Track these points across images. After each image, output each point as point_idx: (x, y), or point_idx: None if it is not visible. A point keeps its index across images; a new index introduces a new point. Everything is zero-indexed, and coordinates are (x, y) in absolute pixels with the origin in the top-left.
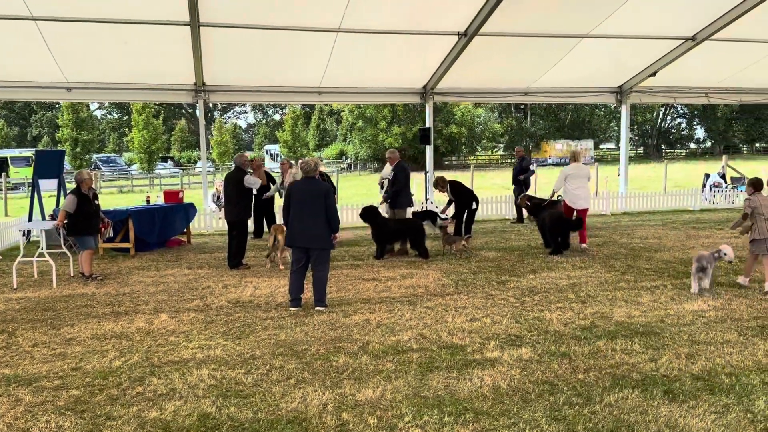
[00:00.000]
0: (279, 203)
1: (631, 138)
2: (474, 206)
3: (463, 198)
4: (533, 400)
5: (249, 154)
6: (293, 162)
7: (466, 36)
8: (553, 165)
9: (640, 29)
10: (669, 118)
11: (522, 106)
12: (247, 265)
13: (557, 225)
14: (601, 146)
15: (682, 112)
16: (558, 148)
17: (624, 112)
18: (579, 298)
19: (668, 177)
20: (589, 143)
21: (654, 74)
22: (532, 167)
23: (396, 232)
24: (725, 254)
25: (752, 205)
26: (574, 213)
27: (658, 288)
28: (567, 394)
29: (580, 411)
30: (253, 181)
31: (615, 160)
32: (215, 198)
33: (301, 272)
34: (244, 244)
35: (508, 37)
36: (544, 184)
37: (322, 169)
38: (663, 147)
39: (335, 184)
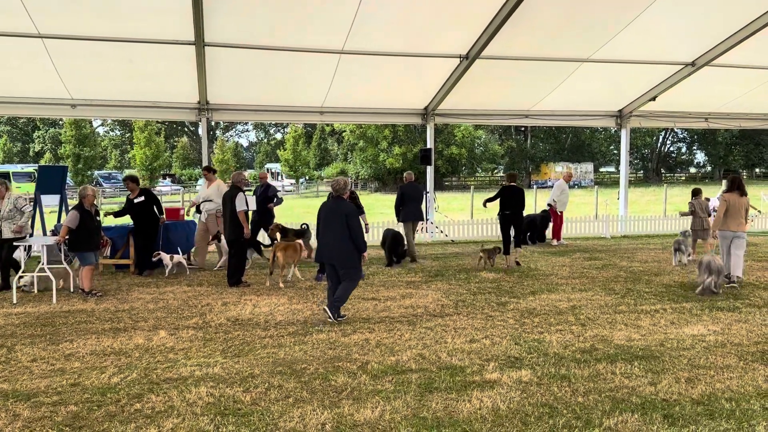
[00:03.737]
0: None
1: (630, 161)
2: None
3: (502, 204)
4: (533, 423)
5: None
6: (8, 185)
7: (468, 59)
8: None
9: (640, 54)
10: (669, 142)
11: (522, 128)
12: (246, 282)
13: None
14: (601, 169)
15: (682, 136)
16: (558, 170)
17: (624, 135)
18: (579, 320)
19: (668, 201)
20: (589, 166)
21: (654, 99)
22: (279, 195)
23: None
24: (687, 232)
25: (693, 207)
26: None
27: (658, 312)
28: (567, 417)
29: None
30: (242, 202)
31: (615, 183)
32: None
33: (335, 287)
34: (243, 262)
35: (509, 60)
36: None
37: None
38: (663, 171)
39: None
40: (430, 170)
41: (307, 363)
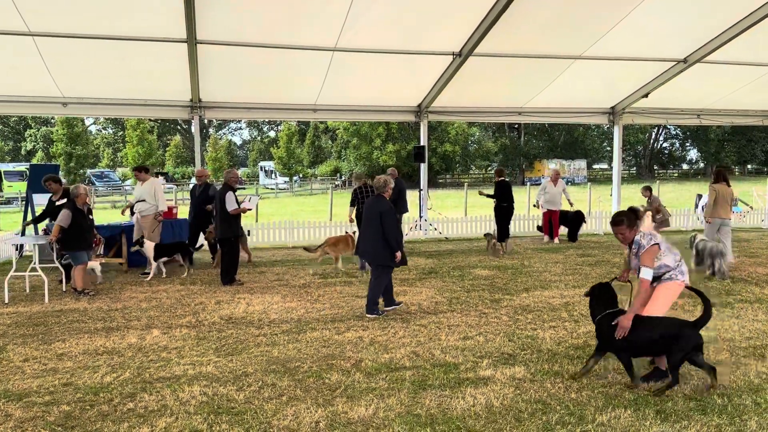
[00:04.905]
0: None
1: (623, 158)
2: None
3: (501, 200)
4: (526, 419)
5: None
6: None
7: (461, 56)
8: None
9: (633, 51)
10: (661, 138)
11: (516, 126)
12: (239, 281)
13: None
14: (594, 166)
15: (674, 133)
16: (552, 167)
17: (617, 132)
18: (572, 317)
19: (660, 197)
20: (582, 163)
21: (646, 95)
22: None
23: None
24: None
25: (659, 203)
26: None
27: None
28: (560, 413)
29: (572, 430)
30: (231, 201)
31: (608, 180)
32: None
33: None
34: (236, 261)
35: (502, 57)
36: None
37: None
38: (655, 167)
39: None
40: (423, 167)
41: (301, 361)
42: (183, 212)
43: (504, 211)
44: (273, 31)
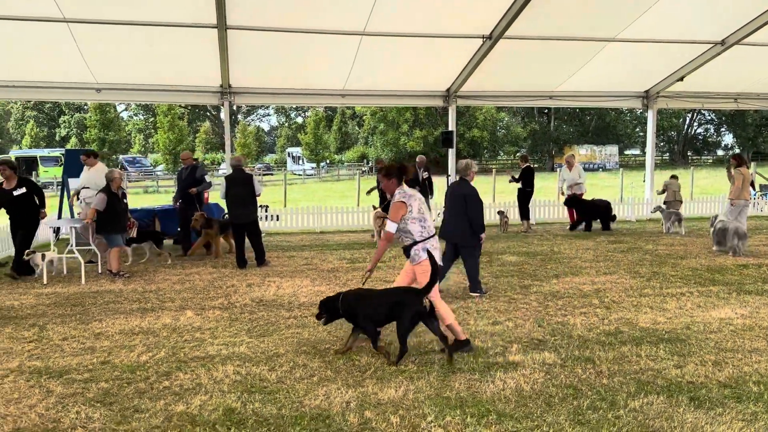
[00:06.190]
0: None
1: (656, 144)
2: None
3: (526, 185)
4: (557, 404)
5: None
6: None
7: (491, 39)
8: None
9: (668, 33)
10: (696, 123)
11: (546, 110)
12: (268, 263)
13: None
14: (626, 152)
15: (709, 117)
16: (582, 152)
17: (650, 117)
18: (603, 303)
19: (695, 184)
20: (614, 149)
21: (681, 79)
22: (207, 179)
23: None
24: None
25: (666, 184)
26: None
27: (684, 295)
28: (591, 398)
29: (604, 415)
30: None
31: (640, 166)
32: None
33: (446, 264)
34: (261, 242)
35: (533, 40)
36: None
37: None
38: (689, 153)
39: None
40: (451, 153)
41: (331, 343)
42: (213, 198)
43: (527, 195)
44: (302, 15)
